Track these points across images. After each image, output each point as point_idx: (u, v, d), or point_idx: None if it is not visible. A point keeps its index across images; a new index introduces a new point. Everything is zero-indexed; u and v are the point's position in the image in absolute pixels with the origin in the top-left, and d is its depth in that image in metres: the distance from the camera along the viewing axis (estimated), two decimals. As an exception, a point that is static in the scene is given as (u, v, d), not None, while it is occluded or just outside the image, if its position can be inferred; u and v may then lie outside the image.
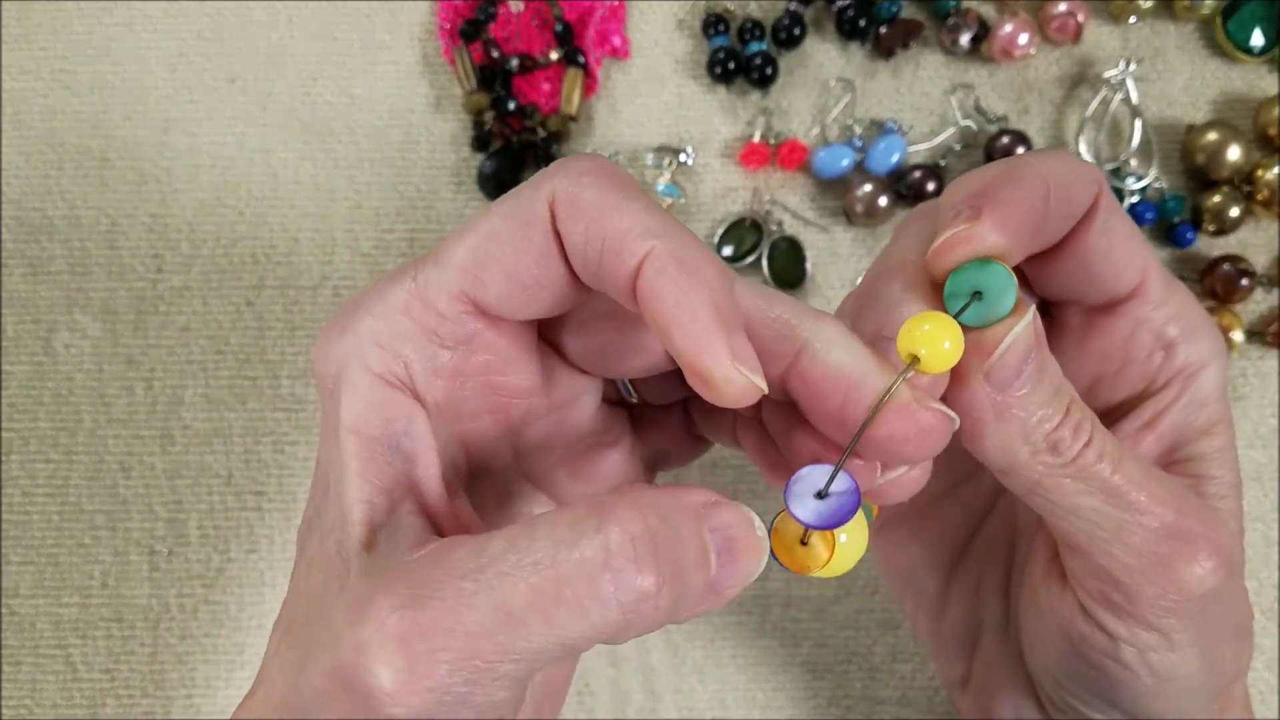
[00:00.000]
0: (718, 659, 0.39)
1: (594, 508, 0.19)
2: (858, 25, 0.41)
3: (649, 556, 0.19)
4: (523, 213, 0.21)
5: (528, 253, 0.21)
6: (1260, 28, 0.41)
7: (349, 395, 0.22)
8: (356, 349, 0.22)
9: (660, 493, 0.20)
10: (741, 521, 0.21)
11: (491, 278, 0.21)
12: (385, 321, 0.22)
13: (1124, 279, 0.26)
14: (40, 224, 0.41)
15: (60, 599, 0.39)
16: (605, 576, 0.18)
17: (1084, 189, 0.24)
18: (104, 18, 0.42)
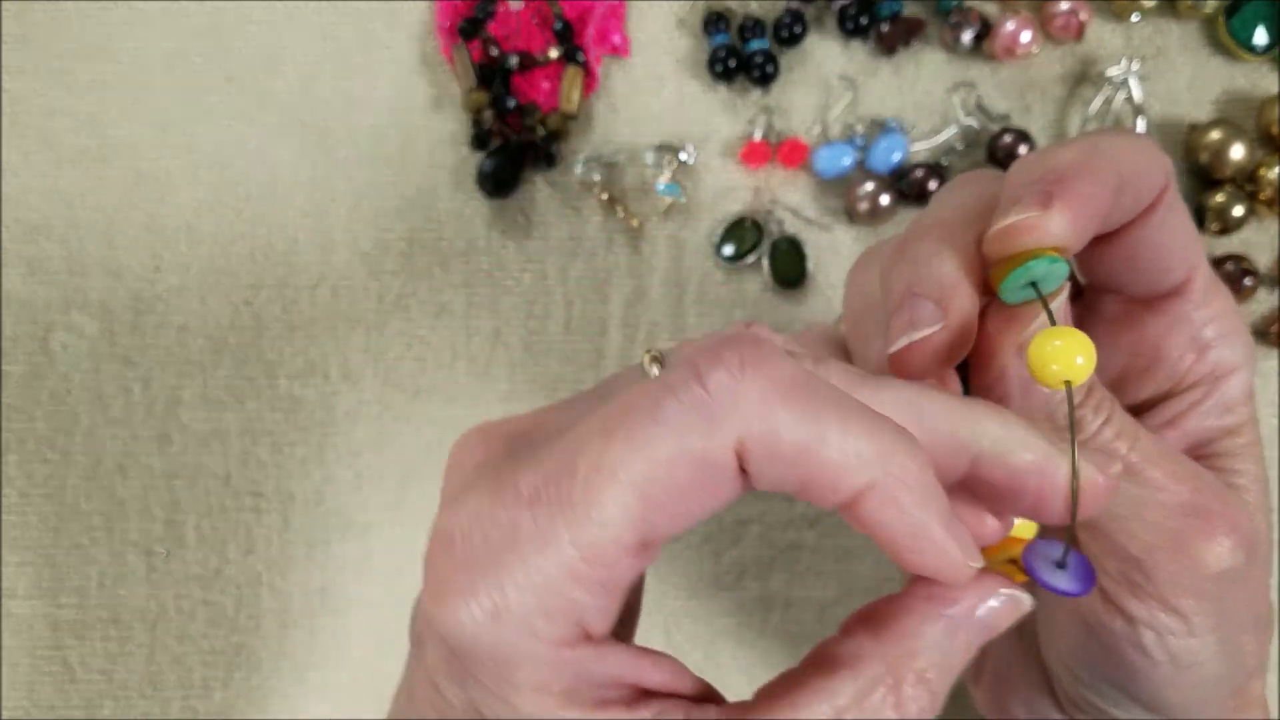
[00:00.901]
0: (718, 660, 0.39)
1: (886, 684, 0.20)
2: (859, 23, 0.41)
3: (930, 702, 0.20)
4: (697, 458, 0.19)
5: (707, 498, 0.19)
6: (1263, 26, 0.41)
7: (528, 667, 0.19)
8: (523, 628, 0.19)
9: (934, 630, 0.21)
10: (1012, 609, 0.21)
11: (660, 525, 0.19)
12: (548, 596, 0.19)
13: (1171, 276, 0.25)
14: (37, 223, 0.41)
15: (57, 600, 0.39)
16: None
17: (1153, 180, 0.23)
18: (102, 17, 0.42)
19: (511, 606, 0.19)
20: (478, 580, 0.19)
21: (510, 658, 0.19)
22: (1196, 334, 0.26)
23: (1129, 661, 0.25)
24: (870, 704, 0.20)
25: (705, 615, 0.39)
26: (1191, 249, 0.25)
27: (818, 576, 0.39)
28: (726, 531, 0.40)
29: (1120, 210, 0.23)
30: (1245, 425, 0.26)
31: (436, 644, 0.20)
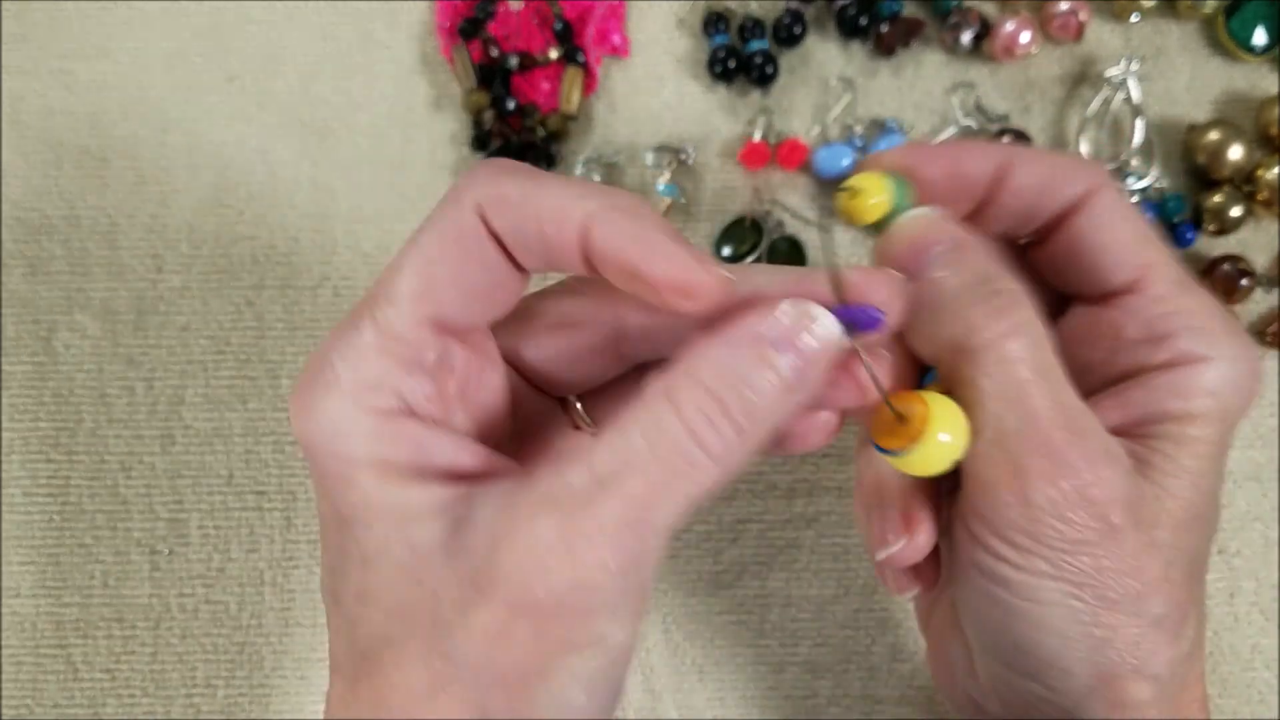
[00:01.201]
0: (718, 659, 0.39)
1: (664, 394, 0.22)
2: (859, 24, 0.41)
3: (723, 419, 0.22)
4: (453, 229, 0.23)
5: (471, 263, 0.23)
6: (1262, 26, 0.41)
7: (359, 438, 0.23)
8: (351, 399, 0.23)
9: (716, 348, 0.22)
10: (805, 321, 0.22)
11: (445, 296, 0.23)
12: (366, 366, 0.23)
13: (1119, 274, 0.27)
14: (40, 224, 0.41)
15: (61, 599, 0.40)
16: (694, 451, 0.22)
17: (1072, 180, 0.27)
18: (103, 17, 0.42)
19: (339, 378, 0.23)
20: (318, 368, 0.23)
21: (349, 434, 0.23)
22: (1153, 326, 0.26)
23: (995, 598, 0.25)
24: (647, 417, 0.22)
25: (704, 613, 0.39)
26: (1139, 251, 0.26)
27: (816, 575, 0.40)
28: (725, 531, 0.40)
29: (1020, 198, 0.27)
30: (1201, 418, 0.25)
31: (309, 460, 0.24)
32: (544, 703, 0.22)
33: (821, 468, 0.40)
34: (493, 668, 0.22)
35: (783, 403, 0.22)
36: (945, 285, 0.25)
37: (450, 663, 0.22)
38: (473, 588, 0.22)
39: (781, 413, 0.23)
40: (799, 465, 0.40)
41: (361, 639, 0.23)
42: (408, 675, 0.22)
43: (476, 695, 0.22)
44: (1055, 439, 0.24)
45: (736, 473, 0.22)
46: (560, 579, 0.21)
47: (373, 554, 0.23)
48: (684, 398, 0.22)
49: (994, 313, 0.25)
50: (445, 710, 0.22)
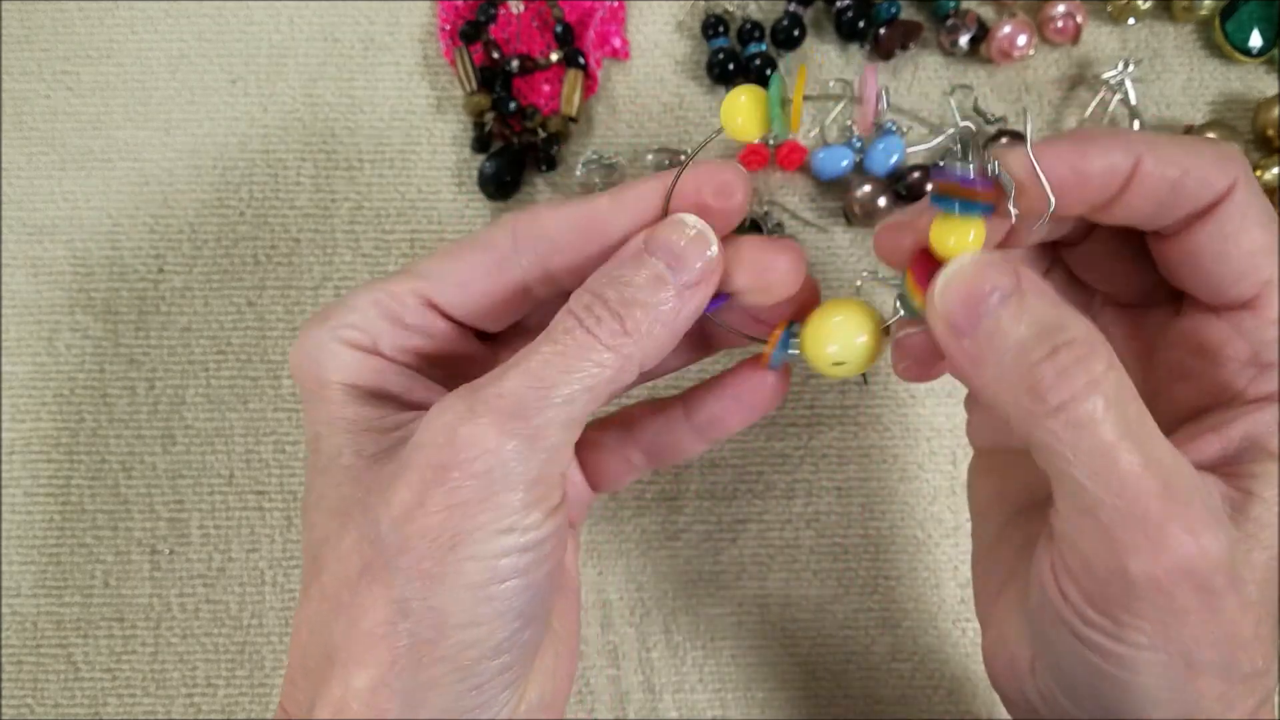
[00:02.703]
0: (718, 659, 0.39)
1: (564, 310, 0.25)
2: (857, 26, 0.41)
3: (602, 308, 0.24)
4: (485, 240, 0.27)
5: (482, 269, 0.27)
6: (1258, 29, 0.41)
7: (333, 362, 0.26)
8: (331, 331, 0.26)
9: (601, 267, 0.26)
10: (676, 229, 0.25)
11: (448, 286, 0.27)
12: (355, 312, 0.26)
13: (1237, 288, 0.25)
14: (42, 224, 0.41)
15: (62, 598, 0.40)
16: (580, 332, 0.24)
17: (1210, 177, 0.24)
18: (106, 19, 0.42)
19: (330, 317, 0.26)
20: (319, 315, 0.27)
21: (323, 358, 0.26)
22: (1261, 351, 0.24)
23: (1080, 657, 0.25)
24: (554, 321, 0.25)
25: (705, 613, 0.40)
26: (1265, 265, 0.24)
27: (815, 575, 0.40)
28: (725, 531, 0.40)
29: (1150, 194, 0.24)
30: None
31: (298, 388, 0.27)
32: (455, 588, 0.23)
33: (821, 468, 0.40)
34: (407, 546, 0.23)
35: (658, 295, 0.25)
36: (1006, 339, 0.23)
37: (374, 546, 0.24)
38: (394, 475, 0.24)
39: (662, 306, 0.25)
40: (799, 465, 0.40)
41: (313, 543, 0.26)
42: (342, 565, 0.24)
43: (395, 578, 0.23)
44: (1152, 510, 0.22)
45: (636, 365, 0.25)
46: (464, 442, 0.23)
47: (326, 462, 0.26)
48: (573, 301, 0.25)
49: (1066, 369, 0.22)
50: (368, 597, 0.24)
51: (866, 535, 0.40)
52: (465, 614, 0.23)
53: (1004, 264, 0.23)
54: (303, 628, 0.25)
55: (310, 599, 0.25)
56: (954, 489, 0.40)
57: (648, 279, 0.25)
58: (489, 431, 0.23)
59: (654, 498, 0.40)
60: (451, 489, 0.23)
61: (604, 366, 0.24)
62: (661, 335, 0.25)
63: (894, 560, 0.40)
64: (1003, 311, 0.23)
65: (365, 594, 0.24)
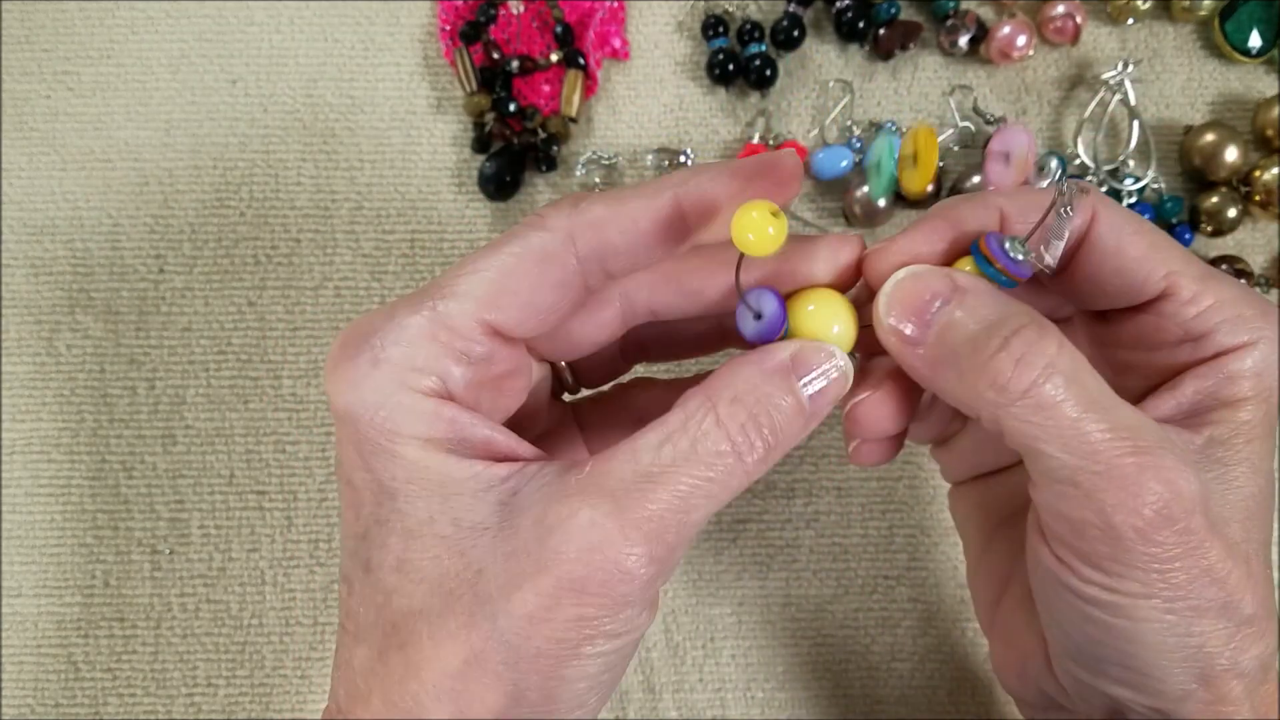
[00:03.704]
0: (718, 658, 0.39)
1: (707, 404, 0.24)
2: (856, 27, 0.41)
3: (756, 434, 0.24)
4: (538, 250, 0.25)
5: (546, 284, 0.25)
6: (1258, 29, 0.41)
7: (409, 416, 0.24)
8: (396, 376, 0.24)
9: (749, 371, 0.25)
10: (824, 361, 0.25)
11: (509, 307, 0.25)
12: (415, 349, 0.24)
13: (1145, 289, 0.26)
14: (42, 225, 0.41)
15: (62, 598, 0.40)
16: (731, 459, 0.24)
17: (1077, 208, 0.26)
18: (106, 19, 0.42)
19: (388, 355, 0.24)
20: (362, 344, 0.24)
21: (393, 409, 0.24)
22: (1190, 327, 0.26)
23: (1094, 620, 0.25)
24: (693, 424, 0.24)
25: (705, 613, 0.40)
26: (1158, 261, 0.26)
27: (815, 575, 0.40)
28: (725, 531, 0.40)
29: None
30: (1250, 400, 0.26)
31: (340, 426, 0.25)
32: (571, 683, 0.24)
33: (821, 468, 0.40)
34: (530, 646, 0.23)
35: (799, 429, 0.25)
36: (958, 339, 0.24)
37: (489, 639, 0.23)
38: (519, 566, 0.23)
39: (797, 436, 0.25)
40: (799, 465, 0.40)
41: (395, 609, 0.24)
42: (443, 649, 0.23)
43: (512, 673, 0.23)
44: (1125, 467, 0.23)
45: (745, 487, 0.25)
46: (608, 563, 0.23)
47: (415, 526, 0.24)
48: (725, 411, 0.24)
49: (1023, 357, 0.24)
50: (479, 685, 0.23)
51: (866, 535, 0.40)
52: (576, 701, 0.25)
53: (937, 272, 0.25)
54: (374, 694, 0.24)
55: (389, 667, 0.24)
56: (954, 489, 0.40)
57: (793, 407, 0.25)
58: (635, 562, 0.23)
59: (654, 498, 0.40)
60: (586, 602, 0.23)
61: (737, 490, 0.24)
62: (780, 455, 0.25)
63: (894, 560, 0.40)
64: (948, 313, 0.25)
65: (475, 682, 0.23)
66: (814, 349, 0.25)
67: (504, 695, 0.24)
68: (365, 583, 0.25)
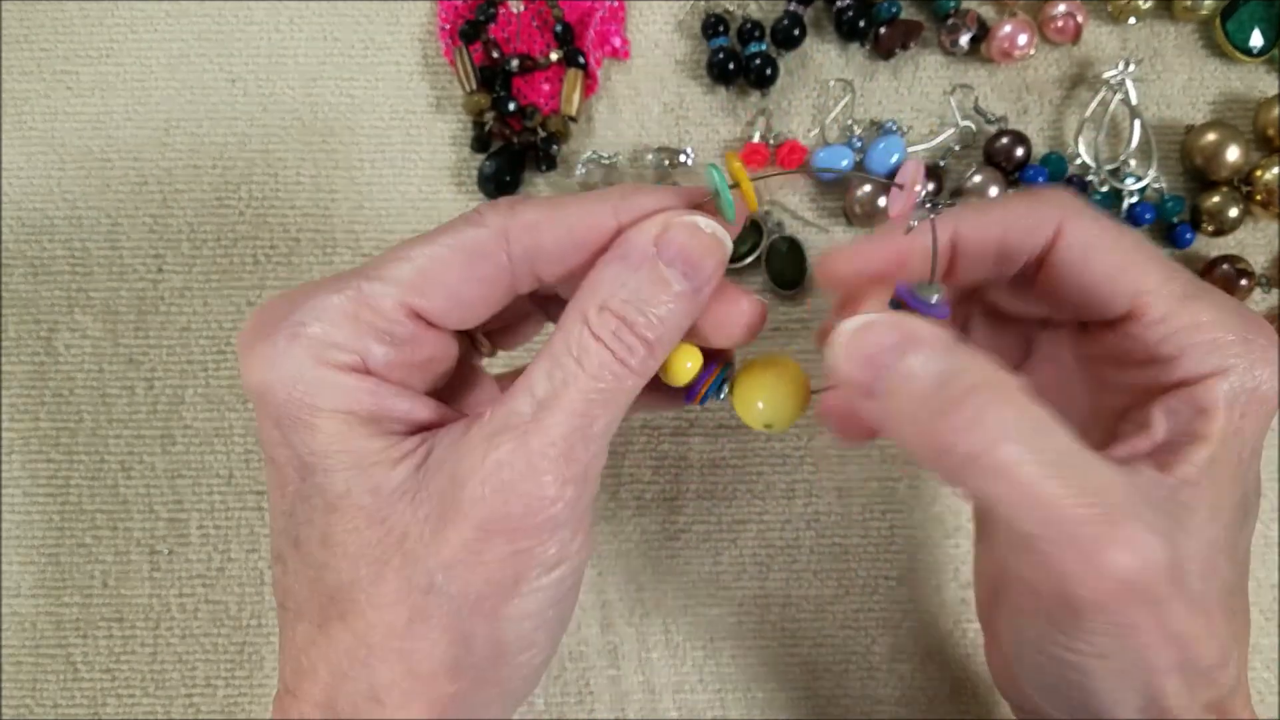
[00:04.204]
0: (718, 659, 0.39)
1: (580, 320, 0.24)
2: (857, 26, 0.41)
3: (632, 336, 0.24)
4: (471, 243, 0.25)
5: (475, 278, 0.25)
6: (1259, 28, 0.41)
7: (325, 390, 0.24)
8: (314, 351, 0.24)
9: (613, 270, 0.25)
10: (690, 233, 0.25)
11: (435, 296, 0.25)
12: (336, 327, 0.24)
13: (1111, 307, 0.26)
14: (41, 224, 0.41)
15: (61, 598, 0.40)
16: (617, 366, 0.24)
17: (1033, 224, 0.26)
18: (105, 19, 0.42)
19: (307, 331, 0.24)
20: (280, 321, 0.24)
21: (310, 384, 0.24)
22: (1158, 350, 0.25)
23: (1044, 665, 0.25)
24: (572, 341, 0.24)
25: (705, 613, 0.39)
26: (1127, 279, 0.25)
27: (815, 575, 0.40)
28: (725, 531, 0.40)
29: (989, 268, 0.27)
30: (1213, 439, 0.25)
31: (258, 403, 0.24)
32: (516, 622, 0.24)
33: (821, 468, 0.40)
34: (468, 590, 0.24)
35: (683, 311, 0.25)
36: (906, 400, 0.23)
37: (426, 594, 0.23)
38: (439, 519, 0.23)
39: (685, 317, 0.25)
40: (799, 465, 0.40)
41: (329, 582, 0.24)
42: (384, 613, 0.24)
43: (456, 622, 0.24)
44: (1084, 536, 0.22)
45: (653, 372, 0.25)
46: (524, 494, 0.23)
47: (335, 499, 0.24)
48: (596, 323, 0.24)
49: (970, 420, 0.22)
50: (426, 641, 0.24)
51: (866, 536, 0.40)
52: (525, 640, 0.25)
53: (891, 321, 0.24)
54: (320, 666, 0.25)
55: (331, 639, 0.24)
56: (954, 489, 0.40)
57: (667, 294, 0.24)
58: (550, 487, 0.23)
59: (654, 498, 0.40)
60: (512, 537, 0.23)
61: (634, 390, 0.25)
62: (672, 344, 0.25)
63: (894, 560, 0.40)
64: (902, 367, 0.23)
65: (421, 639, 0.24)
66: (678, 225, 0.25)
67: (451, 645, 0.24)
68: (296, 559, 0.25)
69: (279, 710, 0.26)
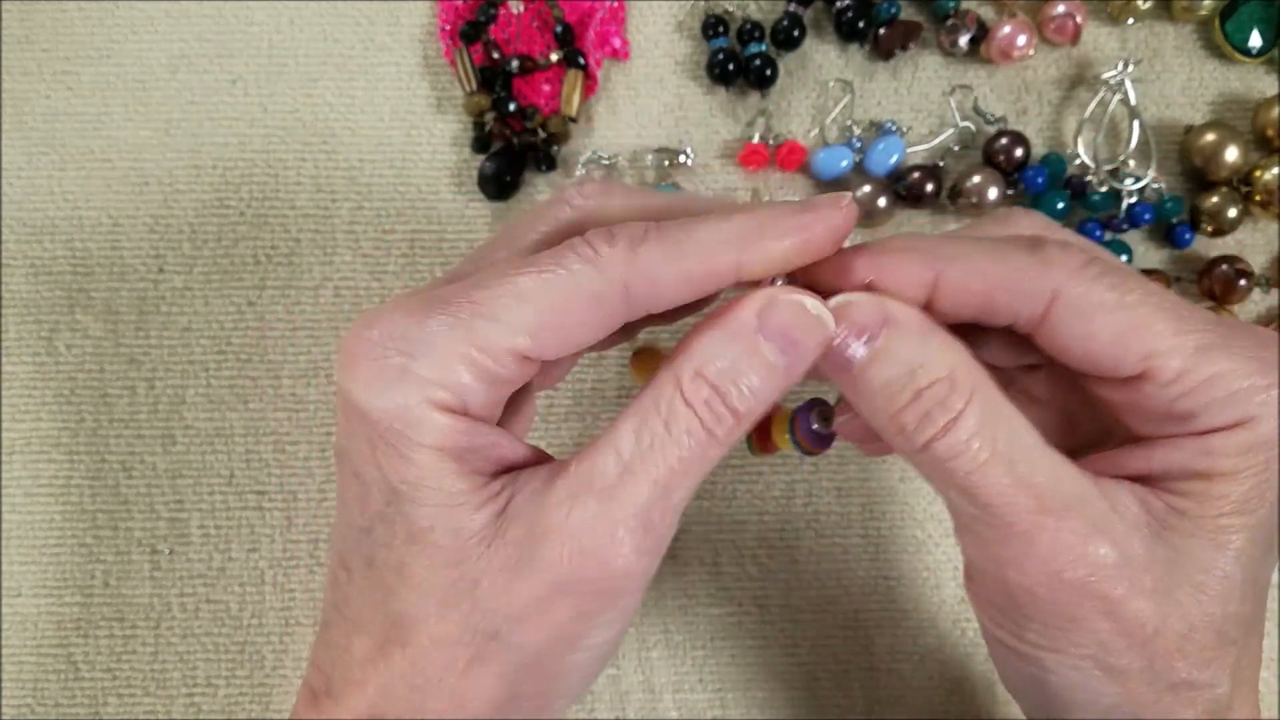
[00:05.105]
0: (718, 659, 0.39)
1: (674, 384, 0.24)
2: (857, 27, 0.41)
3: (723, 406, 0.24)
4: (591, 295, 0.24)
5: (590, 325, 0.24)
6: (1258, 29, 0.41)
7: (425, 428, 0.24)
8: (422, 391, 0.24)
9: (710, 337, 0.24)
10: (794, 312, 0.24)
11: (549, 343, 0.24)
12: (446, 367, 0.24)
13: (1121, 369, 0.24)
14: (42, 224, 0.41)
15: (62, 598, 0.40)
16: (703, 435, 0.24)
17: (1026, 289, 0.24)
18: (106, 19, 0.42)
19: (417, 369, 0.23)
20: (389, 348, 0.24)
21: (410, 418, 0.24)
22: (1173, 408, 0.24)
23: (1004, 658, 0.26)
24: (663, 404, 0.24)
25: (704, 614, 0.40)
26: (1138, 342, 0.24)
27: (815, 576, 0.40)
28: (726, 531, 0.40)
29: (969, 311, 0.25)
30: (1227, 477, 0.23)
31: (355, 422, 0.24)
32: (567, 672, 0.25)
33: (821, 468, 0.40)
34: (529, 643, 0.24)
35: (776, 387, 0.24)
36: (871, 386, 0.24)
37: (490, 640, 0.24)
38: (514, 570, 0.24)
39: (776, 393, 0.25)
40: (799, 465, 0.40)
41: (394, 609, 0.25)
42: (444, 652, 0.24)
43: (512, 670, 0.24)
44: (1019, 524, 0.23)
45: None
46: (602, 561, 0.23)
47: (419, 532, 0.24)
48: (689, 388, 0.24)
49: (928, 413, 0.23)
50: (480, 684, 0.24)
51: (866, 535, 0.40)
52: (569, 689, 0.26)
53: (870, 303, 0.24)
54: (371, 682, 0.25)
55: (389, 660, 0.25)
56: (954, 489, 0.40)
57: (762, 368, 0.24)
58: (628, 557, 0.23)
59: (654, 498, 0.40)
60: (582, 599, 0.24)
61: (714, 461, 0.24)
62: (758, 418, 0.25)
63: (894, 560, 0.40)
64: (872, 349, 0.24)
65: (477, 682, 0.24)
66: (783, 303, 0.24)
67: (503, 689, 0.24)
68: (367, 576, 0.25)
69: (314, 709, 0.26)
